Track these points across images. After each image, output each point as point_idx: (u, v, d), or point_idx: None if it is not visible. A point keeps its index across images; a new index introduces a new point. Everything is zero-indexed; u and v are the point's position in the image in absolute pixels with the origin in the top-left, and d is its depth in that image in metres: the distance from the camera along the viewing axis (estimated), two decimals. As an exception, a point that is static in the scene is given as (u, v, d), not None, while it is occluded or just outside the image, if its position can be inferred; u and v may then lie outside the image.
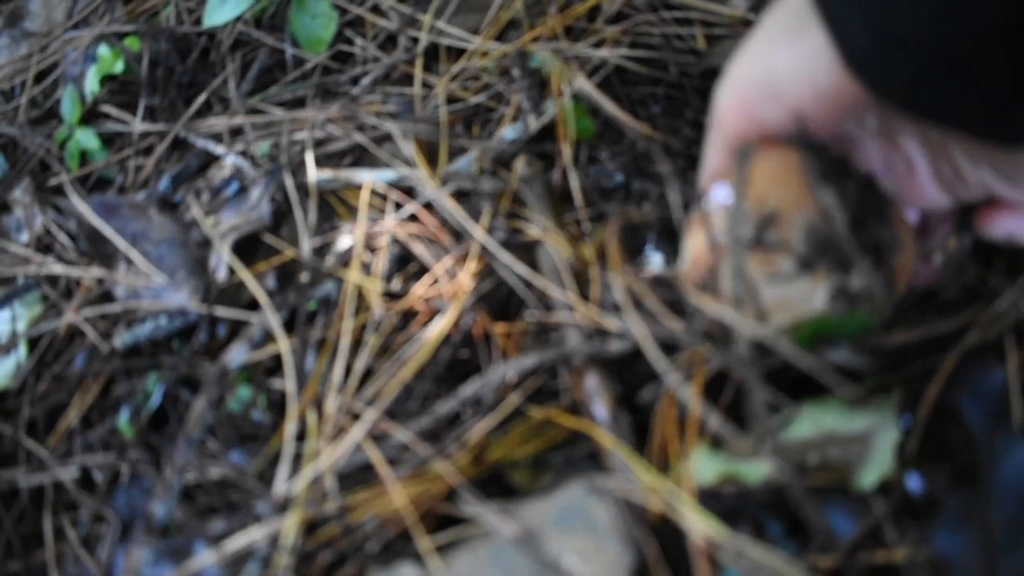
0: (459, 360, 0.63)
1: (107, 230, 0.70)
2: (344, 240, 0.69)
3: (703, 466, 0.49)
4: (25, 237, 0.76)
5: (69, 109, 0.80)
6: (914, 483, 0.47)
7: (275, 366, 0.65)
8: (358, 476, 0.57)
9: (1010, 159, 0.43)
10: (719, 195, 0.45)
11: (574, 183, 0.70)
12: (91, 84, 0.82)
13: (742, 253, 0.43)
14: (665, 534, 0.50)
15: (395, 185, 0.72)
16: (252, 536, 0.54)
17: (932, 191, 0.49)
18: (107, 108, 0.82)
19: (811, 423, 0.52)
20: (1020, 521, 0.43)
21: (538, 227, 0.66)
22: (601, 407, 0.56)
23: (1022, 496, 0.44)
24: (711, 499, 0.52)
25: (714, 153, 0.48)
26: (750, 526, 0.50)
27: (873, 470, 0.47)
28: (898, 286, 0.45)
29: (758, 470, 0.48)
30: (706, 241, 0.45)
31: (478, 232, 0.65)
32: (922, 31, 0.36)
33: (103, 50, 0.83)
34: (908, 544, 0.46)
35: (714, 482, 0.49)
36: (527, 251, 0.66)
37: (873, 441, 0.49)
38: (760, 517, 0.51)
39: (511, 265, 0.64)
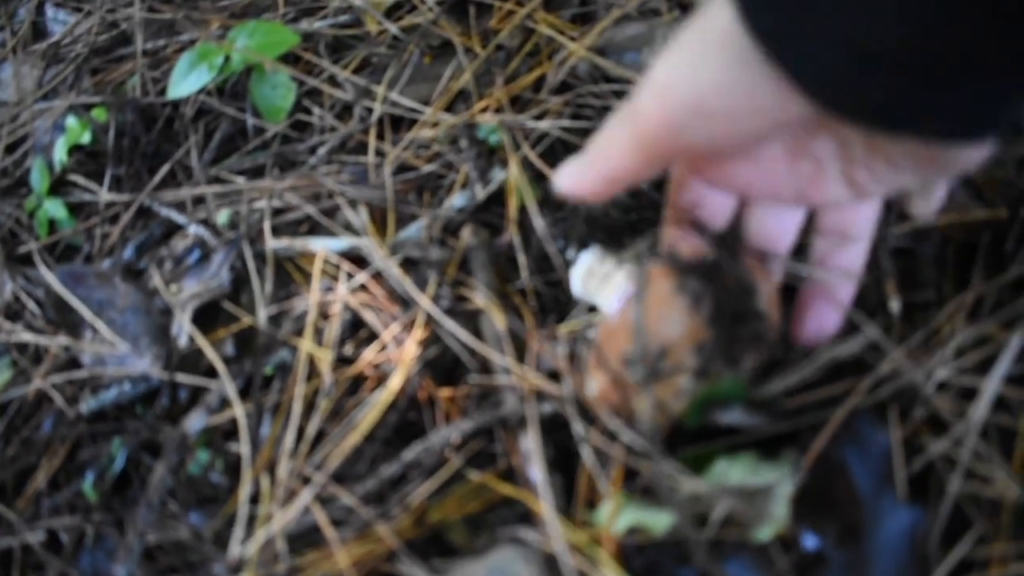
0: (407, 423, 0.67)
1: (73, 300, 0.74)
2: (299, 308, 0.73)
3: (614, 517, 0.54)
4: (-4, 304, 0.80)
5: (38, 180, 0.84)
6: (809, 540, 0.52)
7: (233, 429, 0.69)
8: (307, 537, 0.61)
9: (940, 160, 0.43)
10: (612, 305, 0.51)
11: (519, 248, 0.75)
12: (59, 154, 0.86)
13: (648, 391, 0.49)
14: (588, 591, 0.54)
15: (347, 254, 0.76)
16: (208, 596, 0.58)
17: (836, 191, 0.49)
18: (75, 177, 0.86)
19: (720, 476, 0.56)
20: (898, 579, 0.48)
21: (482, 296, 0.70)
22: (536, 469, 0.60)
23: (899, 557, 0.48)
24: (635, 554, 0.56)
25: (625, 150, 0.45)
26: (668, 581, 0.55)
27: (770, 524, 0.52)
28: (770, 340, 0.51)
29: (663, 521, 0.53)
30: (608, 380, 0.51)
31: (424, 301, 0.70)
32: (893, 48, 0.35)
33: (71, 121, 0.87)
34: (805, 599, 0.50)
35: (624, 532, 0.53)
36: (472, 319, 0.70)
37: (772, 494, 0.54)
38: (677, 571, 0.55)
39: (455, 332, 0.68)
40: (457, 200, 0.79)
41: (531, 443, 0.61)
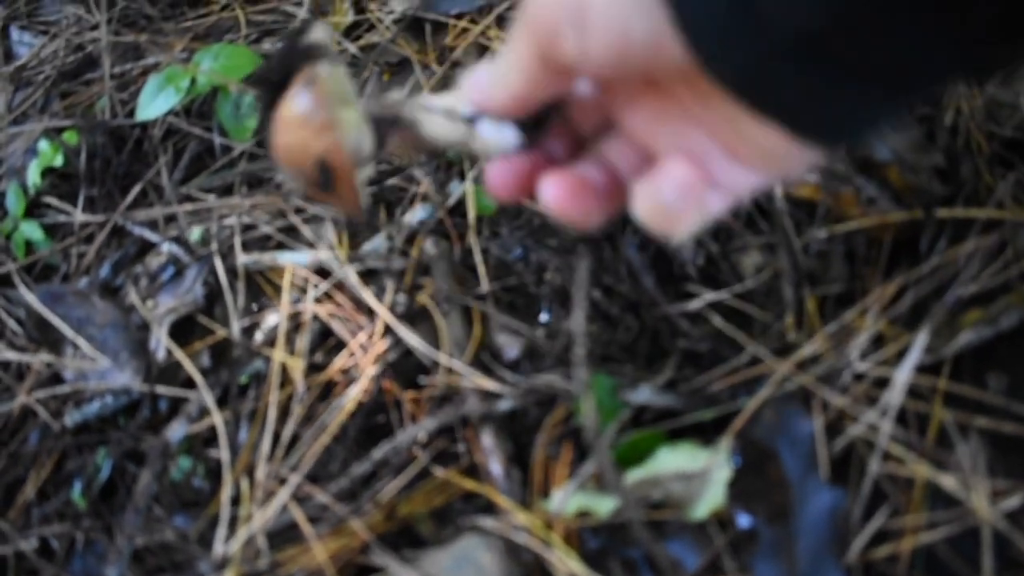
0: (376, 424, 0.72)
1: (54, 318, 0.78)
2: (270, 320, 0.77)
3: (563, 502, 0.59)
4: (-23, 323, 0.83)
5: (14, 203, 0.88)
6: (743, 520, 0.57)
7: (212, 436, 0.73)
8: (286, 534, 0.65)
9: (784, 160, 0.40)
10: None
11: (478, 257, 0.80)
12: (33, 177, 0.90)
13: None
14: (545, 571, 0.59)
15: (314, 266, 0.80)
16: (195, 593, 0.63)
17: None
18: (49, 199, 0.90)
19: (662, 462, 0.62)
20: (820, 555, 0.54)
21: (441, 302, 0.75)
22: (496, 464, 0.66)
23: (821, 534, 0.54)
24: (589, 537, 0.62)
25: (518, 53, 0.40)
26: (619, 562, 0.60)
27: (706, 504, 0.58)
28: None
29: (607, 504, 0.58)
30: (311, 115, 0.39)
31: (383, 310, 0.75)
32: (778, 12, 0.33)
33: (43, 145, 0.91)
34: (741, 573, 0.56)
35: (574, 516, 0.59)
36: (432, 324, 0.75)
37: (709, 478, 0.59)
38: (628, 553, 0.61)
39: (413, 339, 0.73)
40: (418, 213, 0.83)
41: (490, 441, 0.66)
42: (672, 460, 0.62)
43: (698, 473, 0.60)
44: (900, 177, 0.74)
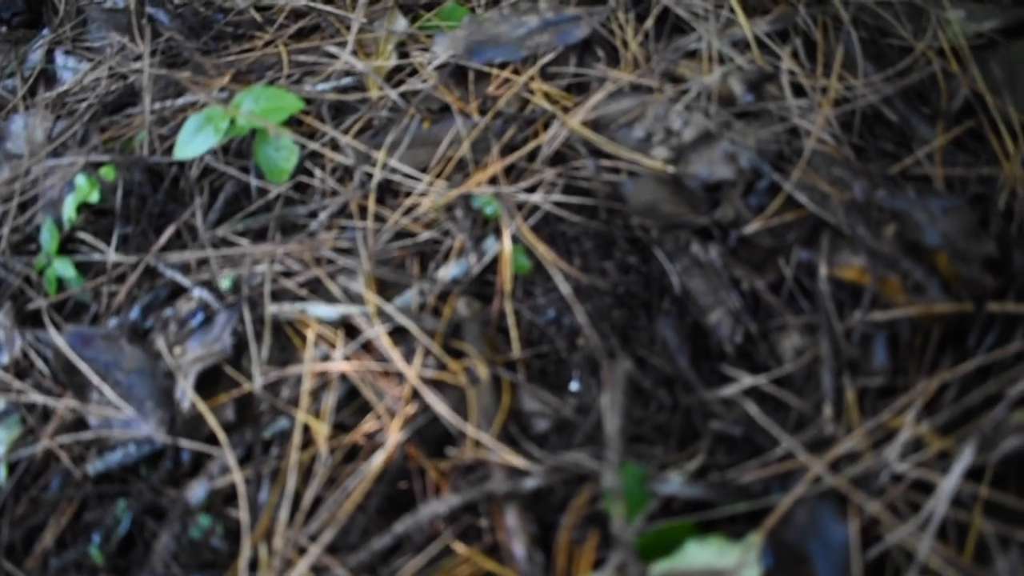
0: (398, 492, 0.71)
1: (80, 364, 0.78)
2: (297, 374, 0.76)
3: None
4: (5, 359, 0.83)
5: (47, 239, 0.88)
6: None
7: (234, 493, 0.73)
8: (302, 607, 0.64)
9: None
10: None
11: (511, 320, 0.78)
12: (68, 212, 0.90)
13: None
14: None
15: (344, 321, 0.79)
16: (207, 663, 0.62)
17: None
18: (83, 235, 0.90)
19: (691, 556, 0.60)
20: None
21: (472, 369, 0.74)
22: (519, 545, 0.64)
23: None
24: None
25: None
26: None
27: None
28: None
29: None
30: None
31: (411, 373, 0.73)
32: None
33: (80, 179, 0.91)
34: None
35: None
36: (461, 391, 0.74)
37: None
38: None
39: (442, 406, 0.72)
40: (453, 270, 0.82)
41: (515, 520, 0.65)
42: (701, 555, 0.60)
43: (727, 571, 0.58)
44: (950, 265, 0.72)
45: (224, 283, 0.83)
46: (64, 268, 0.87)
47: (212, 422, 0.74)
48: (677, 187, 0.82)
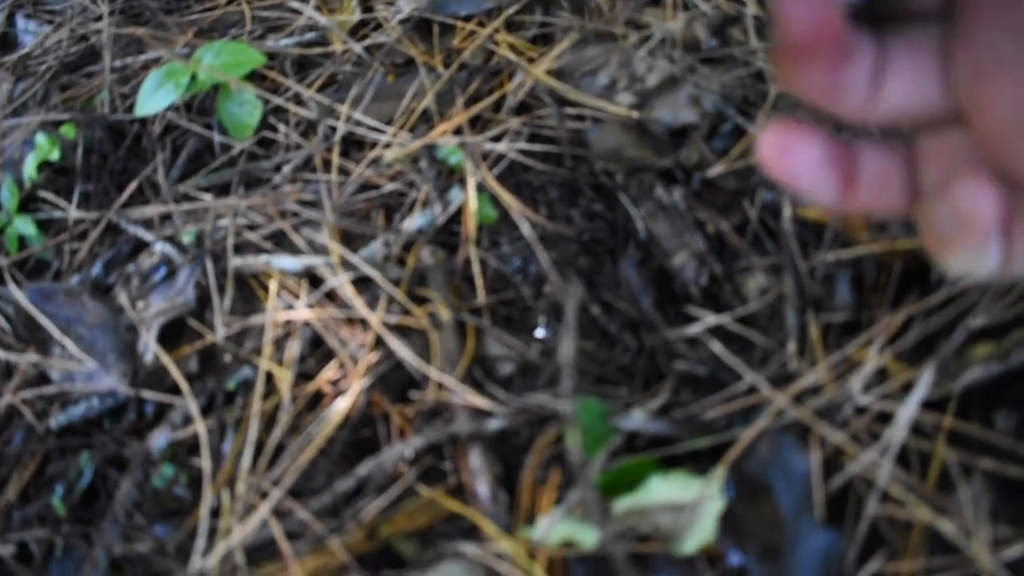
0: (362, 438, 0.71)
1: (42, 318, 0.77)
2: (261, 325, 0.76)
3: (548, 531, 0.58)
4: (-33, 318, 0.82)
5: (7, 198, 0.87)
6: (734, 557, 0.55)
7: (197, 444, 0.72)
8: (265, 550, 0.64)
9: None
10: None
11: (476, 268, 0.78)
12: (29, 171, 0.89)
13: None
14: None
15: (308, 271, 0.79)
16: (170, 607, 0.61)
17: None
18: (44, 194, 0.89)
19: (653, 491, 0.60)
20: (810, 597, 0.52)
21: (436, 314, 0.73)
22: (483, 486, 0.64)
23: (816, 575, 0.52)
24: (578, 565, 0.60)
25: None
26: (605, 594, 0.58)
27: (695, 538, 0.56)
28: None
29: (591, 536, 0.56)
30: None
31: (375, 320, 0.73)
32: None
33: (40, 138, 0.89)
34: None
35: (558, 546, 0.57)
36: (425, 337, 0.73)
37: (700, 510, 0.57)
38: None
39: (406, 351, 0.71)
40: (418, 220, 0.81)
41: (479, 461, 0.64)
42: (664, 490, 0.60)
43: (689, 505, 0.58)
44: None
45: (187, 238, 0.83)
46: (25, 226, 0.86)
47: (175, 373, 0.73)
48: (641, 132, 0.82)
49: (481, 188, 0.82)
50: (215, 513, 0.66)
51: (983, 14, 0.26)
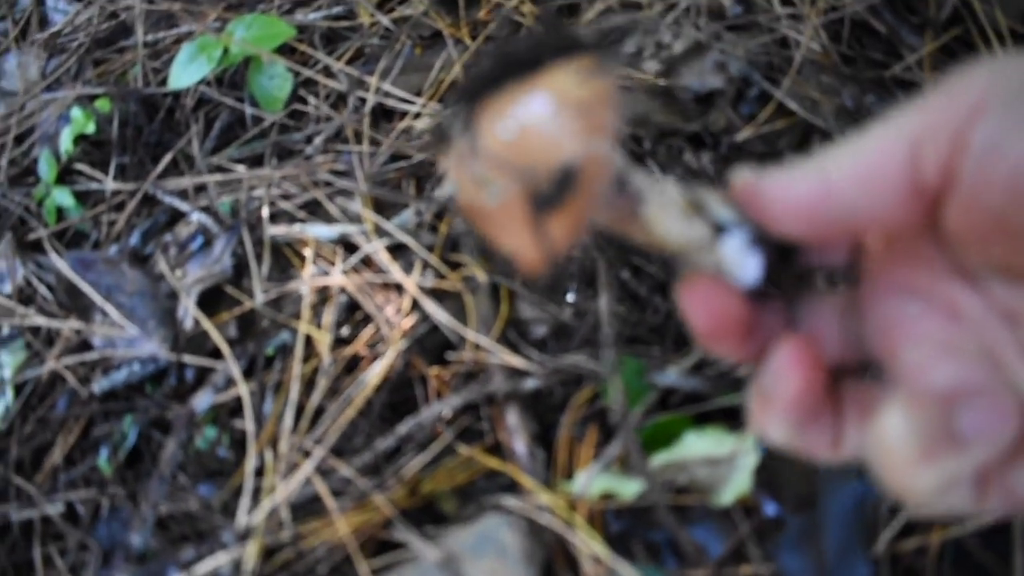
0: (401, 400, 0.72)
1: (83, 285, 0.78)
2: (298, 291, 0.77)
3: (588, 484, 0.59)
4: (8, 288, 0.84)
5: (46, 170, 0.88)
6: (770, 507, 0.56)
7: (238, 406, 0.74)
8: (309, 507, 0.65)
9: None
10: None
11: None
12: (65, 144, 0.90)
13: None
14: (567, 553, 0.59)
15: (343, 239, 0.80)
16: (218, 562, 0.63)
17: None
18: (81, 166, 0.90)
19: (689, 446, 0.61)
20: (846, 546, 0.53)
21: (471, 277, 0.75)
22: (520, 443, 0.65)
23: (849, 525, 0.53)
24: (613, 520, 0.61)
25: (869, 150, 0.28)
26: (642, 545, 0.60)
27: (732, 489, 0.57)
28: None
29: (632, 487, 0.58)
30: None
31: (410, 284, 0.74)
32: None
33: (76, 112, 0.91)
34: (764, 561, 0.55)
35: (598, 498, 0.58)
36: (460, 300, 0.75)
37: (735, 464, 0.59)
38: (651, 537, 0.60)
39: (442, 314, 0.73)
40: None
41: (515, 419, 0.66)
42: (698, 445, 0.61)
43: (724, 459, 0.60)
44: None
45: (222, 207, 0.84)
46: (63, 197, 0.87)
47: (216, 336, 0.75)
48: (669, 98, 0.82)
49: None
50: (259, 472, 0.68)
51: (888, 278, 0.30)
